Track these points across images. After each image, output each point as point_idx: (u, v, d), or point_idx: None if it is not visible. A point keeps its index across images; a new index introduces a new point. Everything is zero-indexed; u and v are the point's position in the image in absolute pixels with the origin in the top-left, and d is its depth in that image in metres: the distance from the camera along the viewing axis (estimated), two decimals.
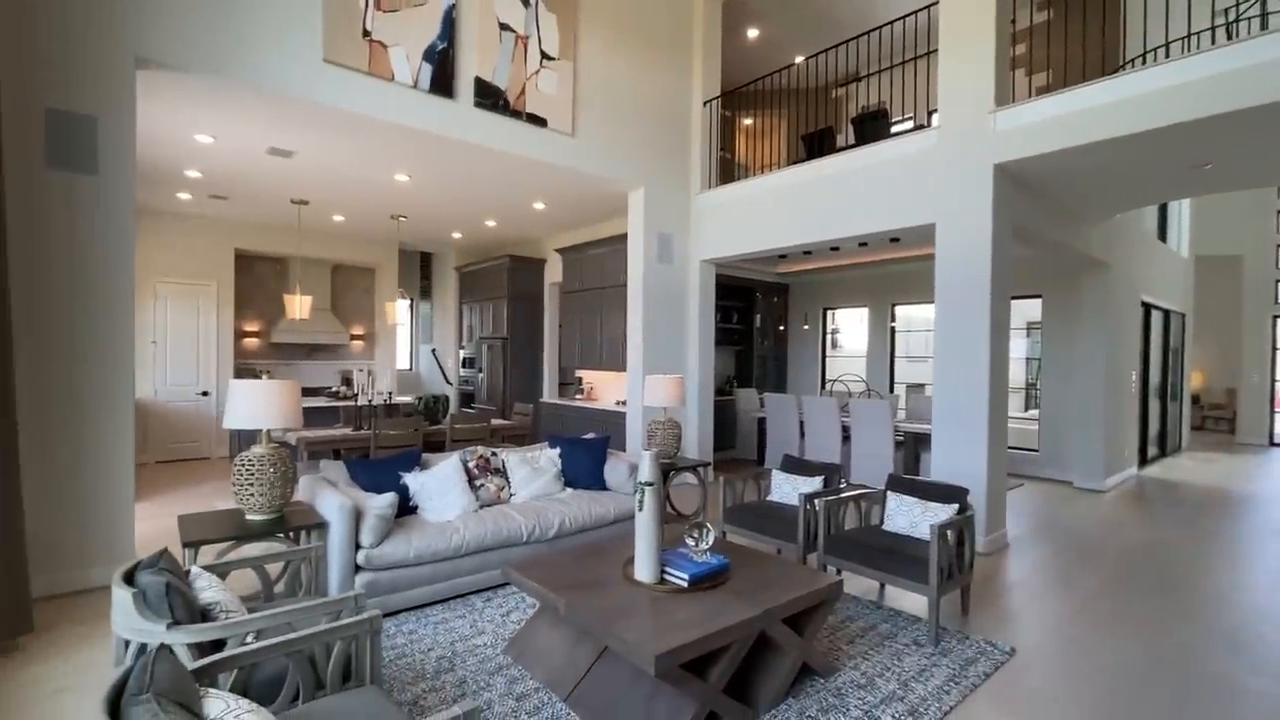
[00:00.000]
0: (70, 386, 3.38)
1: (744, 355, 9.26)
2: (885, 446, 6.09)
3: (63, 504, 3.36)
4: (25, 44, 3.23)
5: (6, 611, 2.66)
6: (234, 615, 1.94)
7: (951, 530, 2.96)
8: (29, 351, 3.23)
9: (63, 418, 3.36)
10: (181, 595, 1.80)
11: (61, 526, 3.35)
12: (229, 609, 1.96)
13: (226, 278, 7.85)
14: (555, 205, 6.91)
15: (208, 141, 4.95)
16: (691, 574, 2.47)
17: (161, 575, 1.87)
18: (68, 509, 3.37)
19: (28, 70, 3.24)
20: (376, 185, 6.17)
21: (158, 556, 1.99)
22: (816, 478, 3.90)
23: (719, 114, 6.61)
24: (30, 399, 3.21)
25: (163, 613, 1.72)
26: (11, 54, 3.19)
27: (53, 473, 3.33)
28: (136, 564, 1.93)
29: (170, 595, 1.75)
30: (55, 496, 3.34)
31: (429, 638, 2.89)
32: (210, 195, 6.71)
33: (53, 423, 3.33)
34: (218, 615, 1.91)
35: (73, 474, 3.39)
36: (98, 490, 3.46)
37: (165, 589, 1.74)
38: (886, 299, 8.70)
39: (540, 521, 3.61)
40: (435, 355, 10.51)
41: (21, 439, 3.08)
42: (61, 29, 3.32)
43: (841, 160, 5.24)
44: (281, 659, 1.71)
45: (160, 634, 1.69)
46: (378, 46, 4.36)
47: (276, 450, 2.99)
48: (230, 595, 2.05)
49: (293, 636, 1.69)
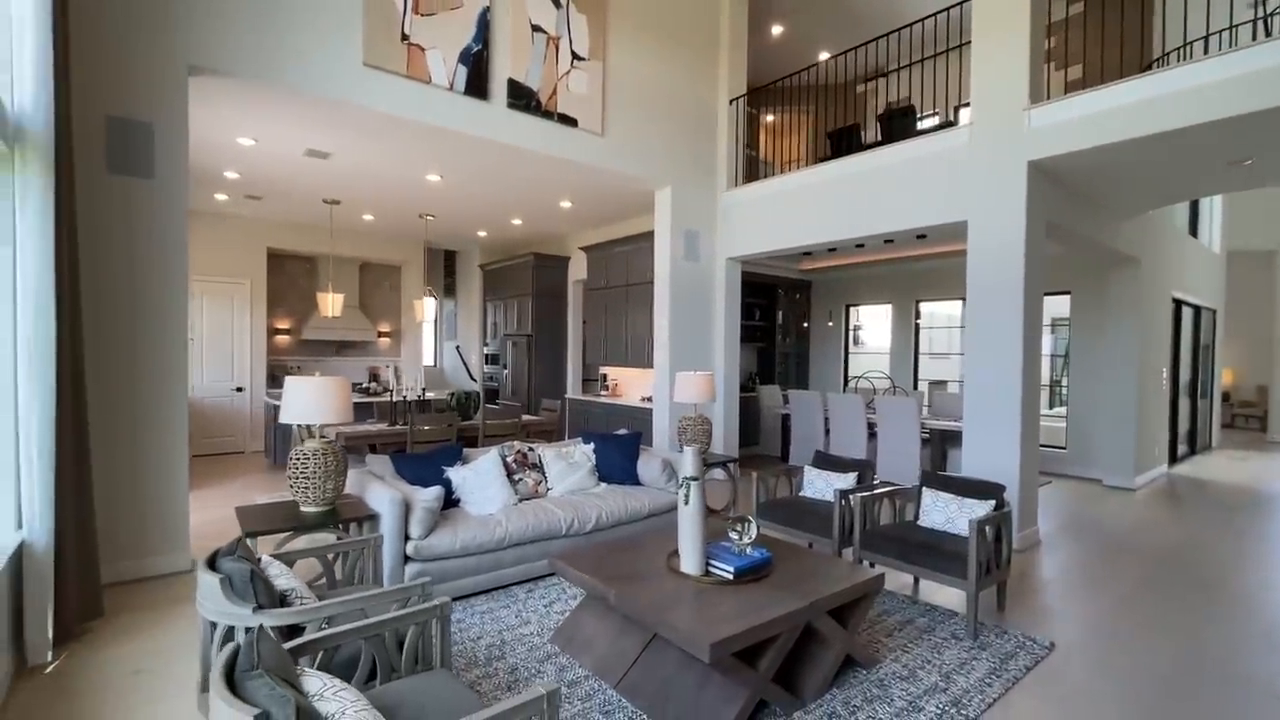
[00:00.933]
0: (131, 383, 3.52)
1: (766, 352, 9.28)
2: (912, 443, 6.10)
3: (124, 495, 3.50)
4: (88, 54, 3.35)
5: (81, 597, 2.80)
6: (308, 601, 2.04)
7: (990, 526, 2.99)
8: (92, 350, 3.37)
9: (124, 414, 3.50)
10: (263, 581, 1.90)
11: (123, 517, 3.49)
12: (303, 595, 2.06)
13: (259, 276, 8.03)
14: (582, 203, 6.98)
15: (249, 144, 5.08)
16: (737, 566, 2.54)
17: (243, 563, 1.97)
18: (129, 500, 3.51)
19: (90, 79, 3.36)
20: (408, 185, 6.28)
21: (235, 545, 2.10)
22: (850, 474, 3.94)
23: (744, 112, 6.64)
24: (94, 395, 3.35)
25: (248, 597, 1.82)
26: (76, 64, 3.32)
27: (114, 465, 3.47)
28: (217, 551, 2.04)
29: (254, 581, 1.85)
30: (117, 488, 3.48)
31: (477, 626, 2.99)
32: (246, 196, 6.87)
33: (115, 418, 3.48)
34: (294, 601, 2.01)
35: (133, 467, 3.53)
36: (156, 482, 3.60)
37: (250, 575, 1.84)
38: (911, 295, 8.67)
39: (578, 515, 3.70)
40: (459, 352, 10.66)
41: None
42: (120, 39, 3.45)
43: (870, 157, 5.25)
44: (356, 642, 1.81)
45: (247, 617, 1.79)
46: (415, 50, 4.45)
47: (329, 445, 3.09)
48: (301, 583, 2.15)
49: (372, 621, 1.78)
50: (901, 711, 2.32)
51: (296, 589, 2.05)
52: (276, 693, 1.24)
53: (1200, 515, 5.44)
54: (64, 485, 2.68)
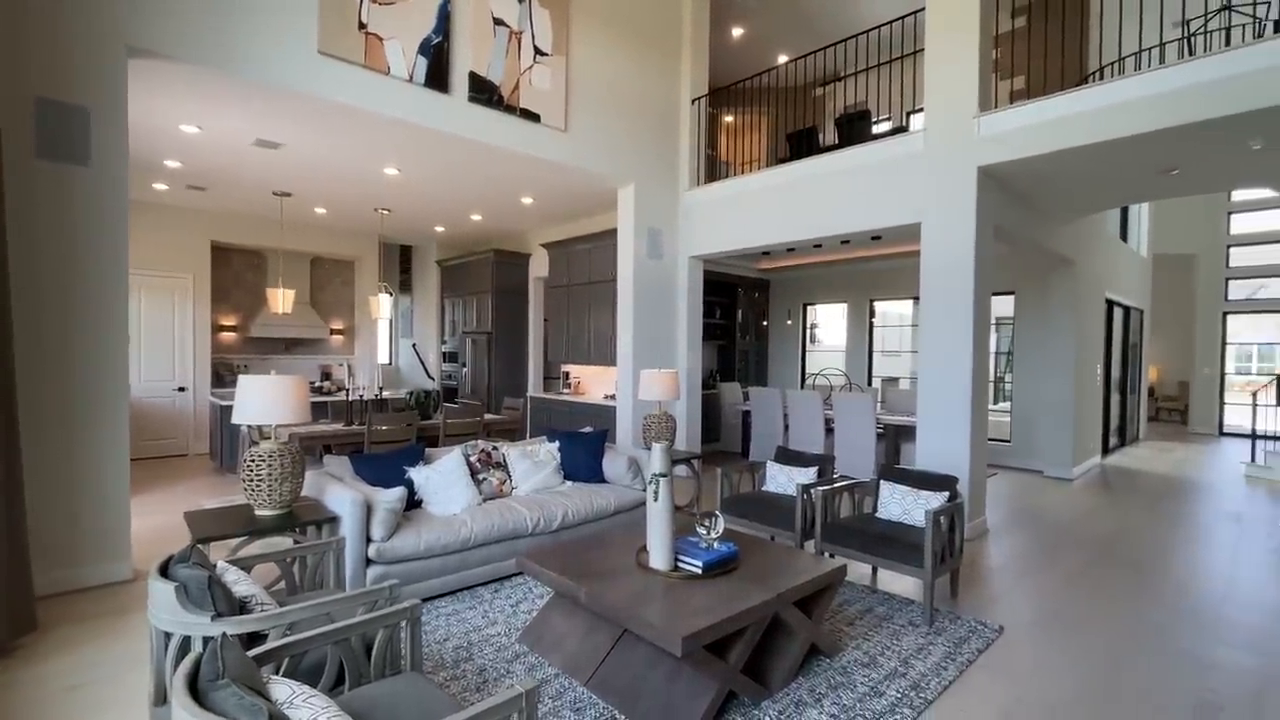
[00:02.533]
0: (64, 383, 3.32)
1: (726, 350, 9.40)
2: (868, 438, 6.29)
3: (59, 501, 3.30)
4: (13, 30, 3.13)
5: (11, 611, 2.62)
6: (269, 607, 1.97)
7: (944, 516, 3.12)
8: (22, 348, 3.16)
9: (58, 415, 3.30)
10: (221, 588, 1.82)
11: (59, 524, 3.29)
12: (264, 601, 1.98)
13: (203, 271, 7.67)
14: (543, 200, 6.92)
15: (193, 132, 4.85)
16: (705, 561, 2.57)
17: (198, 569, 1.89)
18: (64, 507, 3.31)
19: (18, 58, 3.15)
20: (364, 178, 6.11)
21: (188, 551, 2.01)
22: (811, 468, 4.04)
23: (706, 112, 6.70)
24: (25, 396, 3.14)
25: (205, 605, 1.74)
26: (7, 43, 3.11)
27: (48, 470, 3.27)
28: (169, 558, 1.94)
29: (212, 588, 1.77)
30: (52, 494, 3.27)
31: (443, 629, 2.94)
32: (188, 186, 6.55)
33: (49, 420, 3.27)
34: (254, 607, 1.94)
35: (69, 471, 3.33)
36: (95, 487, 3.41)
37: (207, 582, 1.76)
38: (866, 295, 8.93)
39: (544, 514, 3.67)
40: (416, 350, 10.42)
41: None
42: (52, 16, 3.23)
43: (828, 160, 5.38)
44: (322, 648, 1.76)
45: (206, 626, 1.72)
46: (373, 39, 4.33)
47: (285, 446, 2.99)
48: (260, 589, 2.07)
49: (340, 625, 1.73)
50: (864, 697, 2.40)
51: (256, 595, 1.98)
52: (246, 702, 1.20)
53: (1131, 503, 5.80)
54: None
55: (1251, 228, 10.84)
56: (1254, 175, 4.80)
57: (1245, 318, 11.26)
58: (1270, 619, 3.22)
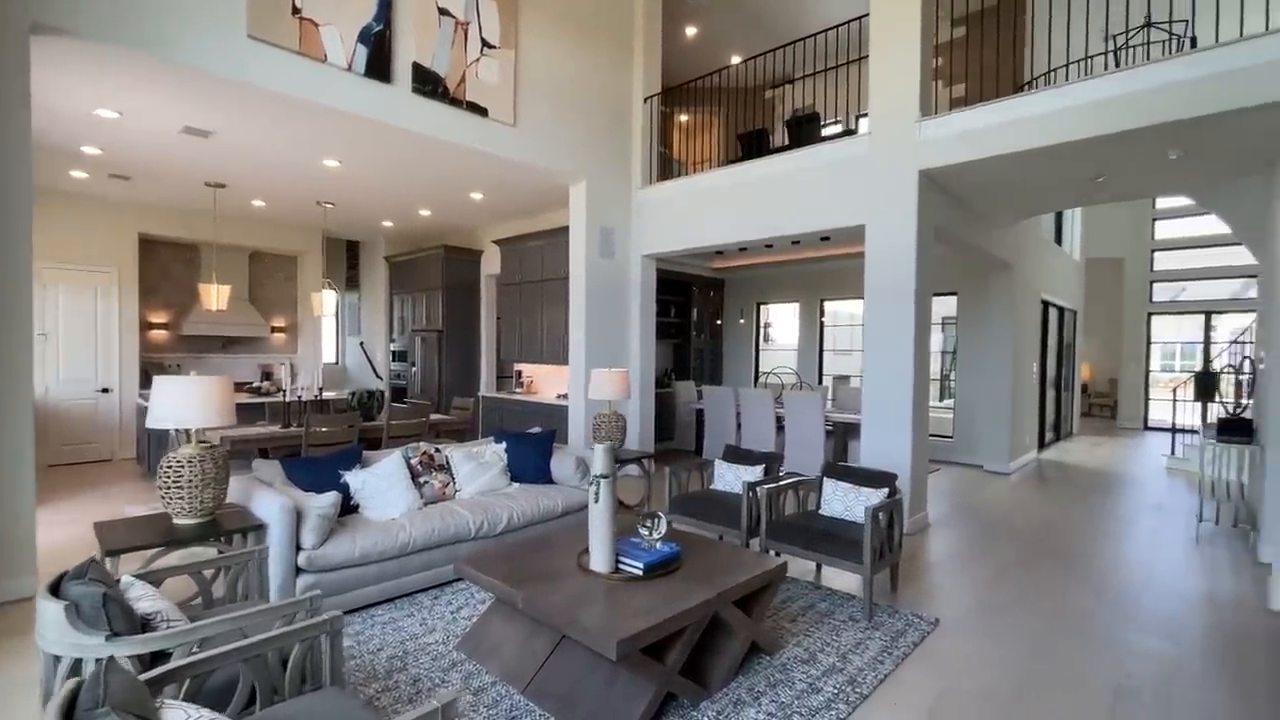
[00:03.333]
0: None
1: (681, 348, 9.44)
2: (817, 436, 6.40)
3: None
4: None
5: None
6: (177, 624, 1.85)
7: (883, 512, 3.18)
8: None
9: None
10: (119, 605, 1.70)
11: None
12: (170, 618, 1.86)
13: (129, 265, 7.24)
14: (494, 196, 6.79)
15: (112, 117, 4.55)
16: (646, 562, 2.55)
17: (94, 585, 1.76)
18: None
19: None
20: (304, 170, 5.86)
21: (86, 566, 1.87)
22: (758, 466, 4.07)
23: (659, 110, 6.69)
24: None
25: (100, 624, 1.62)
26: None
27: None
28: (62, 575, 1.80)
29: (108, 605, 1.65)
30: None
31: (378, 638, 2.84)
32: (110, 175, 6.16)
33: None
34: (159, 625, 1.82)
35: None
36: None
37: (102, 599, 1.64)
38: (816, 294, 9.09)
39: (488, 517, 3.59)
40: (364, 348, 10.10)
41: None
42: None
43: (778, 161, 5.44)
44: (233, 665, 1.66)
45: (99, 647, 1.59)
46: (308, 25, 4.15)
47: (208, 450, 2.83)
48: (169, 604, 1.95)
49: (251, 641, 1.63)
50: (802, 694, 2.42)
51: (163, 611, 1.85)
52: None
53: (1063, 496, 6.07)
54: None
55: (1175, 233, 11.50)
56: (1173, 184, 5.08)
57: (1169, 319, 11.94)
58: (1183, 606, 3.41)
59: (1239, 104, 3.37)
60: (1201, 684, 2.59)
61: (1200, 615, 3.27)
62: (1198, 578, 3.82)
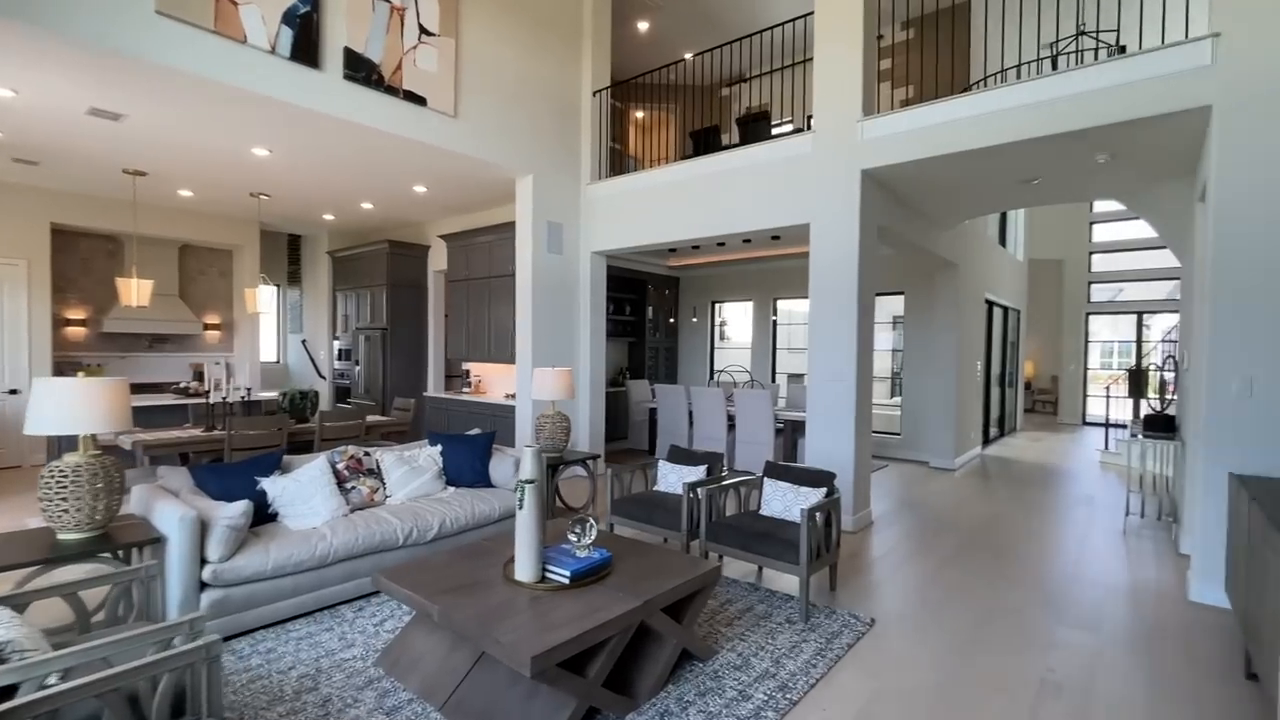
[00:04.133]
0: None
1: (636, 346, 9.36)
2: (766, 434, 6.41)
3: None
4: None
5: None
6: (31, 654, 1.66)
7: (820, 513, 3.16)
8: None
9: None
10: None
11: None
12: (24, 647, 1.67)
13: (41, 256, 6.74)
14: (438, 189, 6.58)
15: (7, 95, 4.20)
16: (573, 570, 2.45)
17: None
18: None
19: None
20: (231, 159, 5.55)
21: None
22: (700, 466, 4.02)
23: (609, 105, 6.58)
24: None
25: None
26: None
27: None
28: None
29: None
30: None
31: (290, 655, 2.66)
32: (14, 159, 5.72)
33: None
34: (8, 656, 1.63)
35: None
36: None
37: None
38: (770, 293, 9.13)
39: (418, 523, 3.44)
40: (306, 346, 9.71)
41: None
42: None
43: (727, 158, 5.40)
44: (92, 702, 1.49)
45: None
46: (225, 3, 3.89)
47: (98, 458, 2.61)
48: (29, 630, 1.75)
49: (108, 674, 1.47)
50: (732, 701, 2.36)
51: (15, 641, 1.66)
52: None
53: (1003, 490, 6.22)
54: None
55: (1111, 236, 11.99)
56: (1103, 188, 5.23)
57: (1106, 318, 12.45)
58: (1108, 598, 3.49)
59: (1157, 109, 3.46)
60: (1120, 676, 2.64)
61: (1122, 607, 3.36)
62: (1122, 570, 3.94)
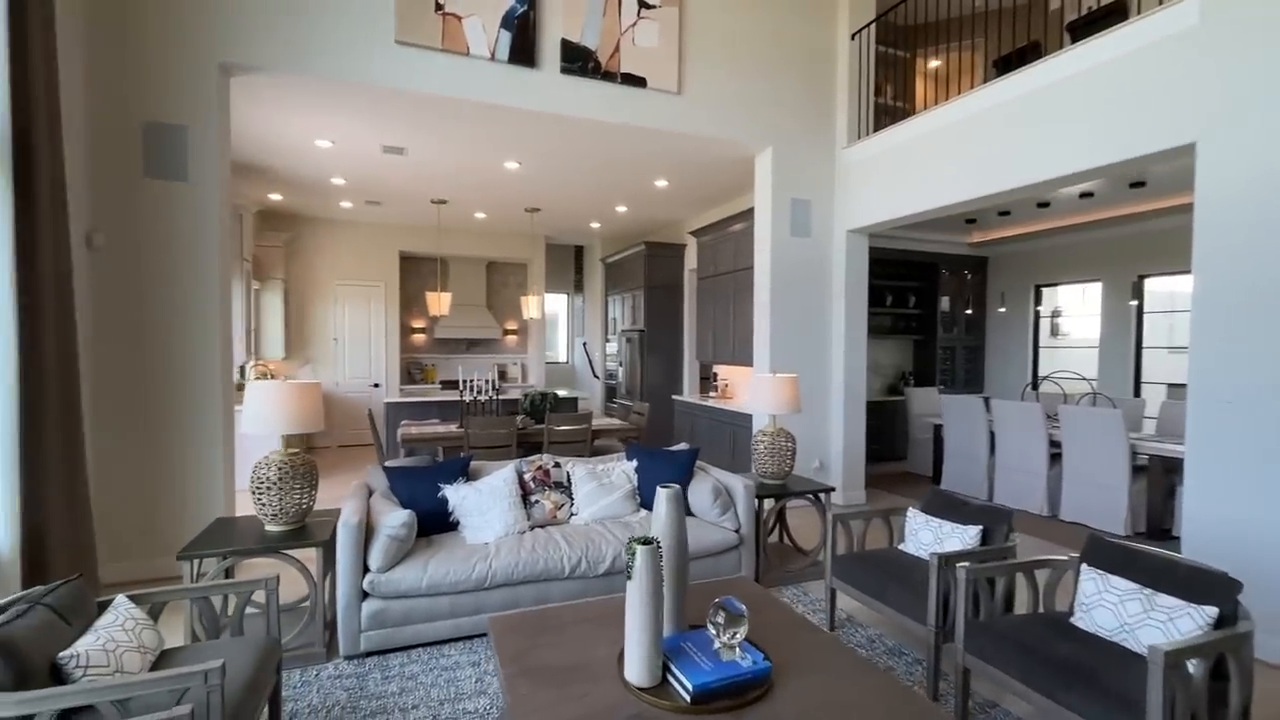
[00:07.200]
0: (165, 373, 3.54)
1: (924, 346, 7.66)
2: (1115, 474, 4.39)
3: (144, 489, 3.53)
4: (122, 62, 3.43)
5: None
6: (97, 672, 1.61)
7: (1200, 660, 1.68)
8: (123, 345, 3.45)
9: (151, 407, 3.54)
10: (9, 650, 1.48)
11: (141, 512, 3.52)
12: (95, 665, 1.63)
13: (393, 278, 8.48)
14: (677, 180, 6.18)
15: (326, 146, 5.14)
16: (699, 684, 1.64)
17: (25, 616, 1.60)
18: (149, 493, 3.54)
19: (126, 87, 3.44)
20: (491, 176, 6.02)
21: (54, 586, 1.75)
22: (972, 527, 2.69)
23: (872, 48, 5.30)
24: (123, 388, 3.43)
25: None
26: (115, 74, 3.41)
27: (140, 454, 3.52)
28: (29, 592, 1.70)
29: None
30: (141, 481, 3.52)
31: (423, 689, 2.43)
32: (367, 201, 7.20)
33: (146, 410, 3.52)
34: (73, 674, 1.59)
35: (163, 455, 3.55)
36: (187, 474, 3.60)
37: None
38: (1129, 269, 6.46)
39: (588, 553, 2.98)
40: (585, 349, 10.46)
41: (113, 422, 3.32)
42: (156, 43, 3.48)
43: (1046, 69, 3.74)
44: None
45: None
46: (451, 19, 4.05)
47: (295, 457, 2.76)
48: (125, 640, 1.74)
49: None
50: None
51: (86, 656, 1.62)
52: None
53: None
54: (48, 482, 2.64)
55: None
56: None
57: None
58: None
59: None
60: None
61: None
62: None
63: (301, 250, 8.01)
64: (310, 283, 8.09)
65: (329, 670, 2.56)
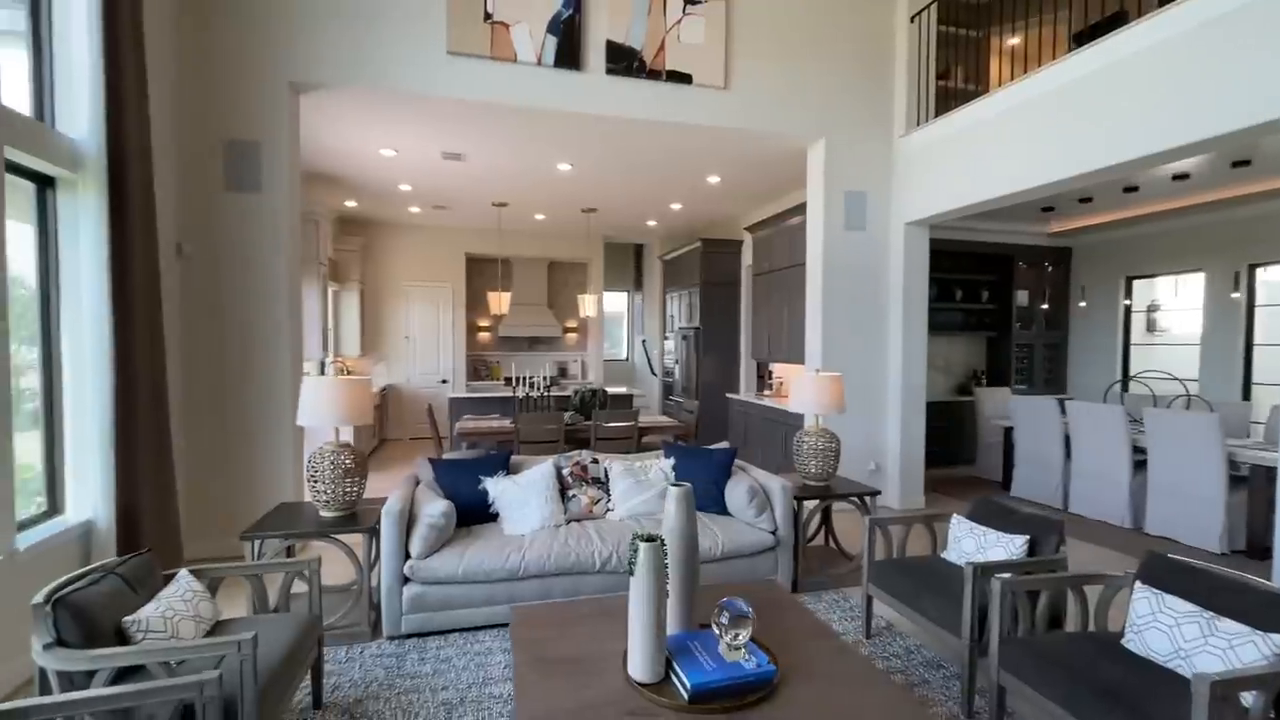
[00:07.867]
0: (241, 368, 3.87)
1: (998, 343, 7.21)
2: (1210, 485, 3.99)
3: (222, 474, 3.86)
4: (204, 83, 3.77)
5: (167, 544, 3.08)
6: (155, 638, 1.80)
7: (1259, 692, 1.51)
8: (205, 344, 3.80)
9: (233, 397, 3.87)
10: (81, 612, 1.68)
11: (219, 495, 3.86)
12: (154, 630, 1.82)
13: (459, 280, 8.85)
14: (729, 176, 6.11)
15: (391, 155, 5.43)
16: (698, 683, 1.64)
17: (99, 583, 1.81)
18: (227, 478, 3.87)
19: (207, 106, 3.78)
20: (546, 176, 6.16)
21: (120, 561, 1.97)
22: (1019, 536, 2.52)
23: (933, 28, 5.03)
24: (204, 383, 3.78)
25: (43, 631, 1.61)
26: (196, 94, 3.76)
27: (219, 443, 3.85)
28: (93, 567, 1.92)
29: (58, 610, 1.64)
30: (220, 467, 3.86)
31: (454, 672, 2.55)
32: (434, 206, 7.54)
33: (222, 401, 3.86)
34: (134, 636, 1.78)
35: (240, 443, 3.89)
36: (258, 461, 3.92)
37: (50, 602, 1.63)
38: (1236, 258, 5.82)
39: (619, 549, 3.01)
40: (645, 346, 10.52)
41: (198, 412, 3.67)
42: (234, 66, 3.80)
43: (1129, 37, 3.41)
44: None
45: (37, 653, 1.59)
46: (500, 28, 4.18)
47: (342, 447, 2.95)
48: (183, 609, 1.93)
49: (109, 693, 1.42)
50: None
51: (147, 621, 1.81)
52: None
53: None
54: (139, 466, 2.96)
55: None
56: None
57: None
58: None
59: None
60: None
61: None
62: None
63: (375, 253, 8.51)
64: (383, 284, 8.57)
65: (372, 649, 2.73)
